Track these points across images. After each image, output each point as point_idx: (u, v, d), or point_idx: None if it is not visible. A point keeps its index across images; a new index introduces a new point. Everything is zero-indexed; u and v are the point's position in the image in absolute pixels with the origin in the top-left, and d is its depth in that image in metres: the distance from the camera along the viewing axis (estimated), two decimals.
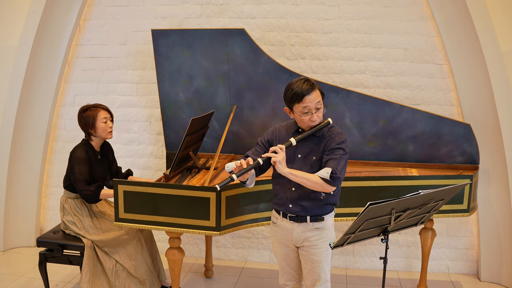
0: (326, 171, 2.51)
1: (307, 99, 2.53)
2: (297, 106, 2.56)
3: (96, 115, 3.41)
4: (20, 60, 4.26)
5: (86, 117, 3.42)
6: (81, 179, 3.35)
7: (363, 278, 4.15)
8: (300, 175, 2.52)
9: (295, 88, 2.56)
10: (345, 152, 2.59)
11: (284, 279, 2.85)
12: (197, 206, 3.04)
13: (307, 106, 2.54)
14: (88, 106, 3.47)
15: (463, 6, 3.75)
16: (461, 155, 3.72)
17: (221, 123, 3.91)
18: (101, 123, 3.42)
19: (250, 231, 4.41)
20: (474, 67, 3.85)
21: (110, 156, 3.63)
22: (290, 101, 2.58)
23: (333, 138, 2.60)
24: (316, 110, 2.56)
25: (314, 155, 2.61)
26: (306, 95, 2.53)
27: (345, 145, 2.60)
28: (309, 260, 2.69)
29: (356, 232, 2.33)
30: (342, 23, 4.09)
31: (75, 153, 3.40)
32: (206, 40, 3.71)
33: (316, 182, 2.51)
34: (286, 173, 2.50)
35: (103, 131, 3.44)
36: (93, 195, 3.38)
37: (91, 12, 4.40)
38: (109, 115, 3.48)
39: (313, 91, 2.55)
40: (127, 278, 3.40)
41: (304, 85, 2.55)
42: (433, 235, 3.71)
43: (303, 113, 2.56)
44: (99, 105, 3.49)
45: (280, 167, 2.48)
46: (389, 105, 3.71)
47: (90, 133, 3.45)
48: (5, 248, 4.50)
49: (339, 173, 2.53)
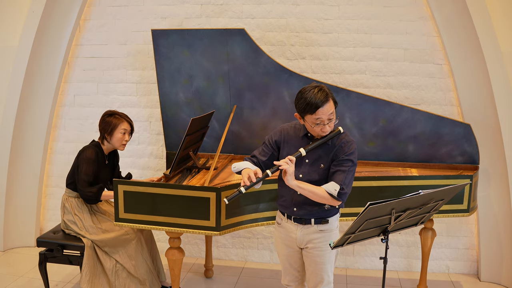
0: (334, 187, 2.49)
1: (320, 111, 2.44)
2: (309, 116, 2.48)
3: (118, 124, 3.44)
4: (20, 60, 4.26)
5: (108, 122, 3.44)
6: (85, 179, 3.35)
7: (363, 278, 4.15)
8: (307, 188, 2.50)
9: (308, 98, 2.44)
10: (354, 163, 2.56)
11: (287, 280, 2.85)
12: (197, 206, 3.03)
13: (319, 118, 2.46)
14: (115, 112, 3.50)
15: (463, 6, 3.75)
16: (461, 155, 3.72)
17: (221, 123, 3.91)
18: (119, 133, 3.45)
19: (250, 231, 4.41)
20: (474, 67, 3.85)
21: (115, 161, 3.65)
22: (302, 110, 2.49)
23: (342, 148, 2.56)
24: (328, 121, 2.50)
25: (322, 163, 2.58)
26: (320, 107, 2.43)
27: (354, 156, 2.57)
28: (312, 262, 2.68)
29: (356, 232, 2.33)
30: (342, 23, 4.09)
31: (85, 152, 3.41)
32: (206, 40, 3.71)
33: (323, 196, 2.51)
34: (294, 185, 2.49)
35: (117, 141, 3.46)
36: (94, 197, 3.39)
37: (91, 12, 4.40)
38: (130, 128, 3.51)
39: (327, 102, 2.44)
40: (127, 278, 3.40)
41: (318, 95, 2.44)
42: (433, 235, 3.71)
43: (315, 124, 2.49)
44: (125, 116, 3.51)
45: (289, 179, 2.47)
46: (389, 105, 3.70)
47: (105, 138, 3.47)
48: (5, 248, 4.50)
49: (346, 188, 2.52)
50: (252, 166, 2.65)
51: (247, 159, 2.73)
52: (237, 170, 2.68)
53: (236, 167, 2.68)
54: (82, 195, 3.40)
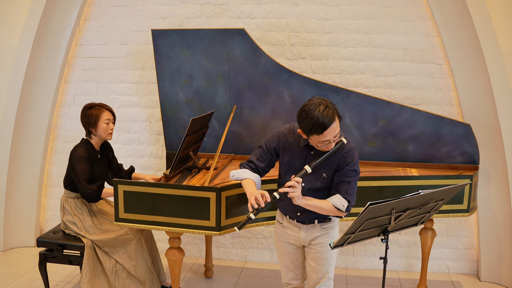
0: (342, 203, 2.51)
1: (327, 133, 2.38)
2: (315, 137, 2.42)
3: (99, 114, 3.42)
4: (20, 60, 4.26)
5: (89, 115, 3.42)
6: (83, 177, 3.35)
7: (363, 278, 4.15)
8: (315, 205, 2.52)
9: (315, 118, 2.35)
10: (357, 172, 2.57)
11: (288, 278, 2.84)
12: (197, 206, 3.03)
13: (326, 140, 2.41)
14: (93, 104, 3.48)
15: (463, 6, 3.75)
16: (461, 155, 3.72)
17: (221, 123, 3.91)
18: (103, 123, 3.42)
19: (250, 231, 4.41)
20: (474, 67, 3.85)
21: (109, 154, 3.63)
22: (308, 131, 2.41)
23: (345, 158, 2.53)
24: (334, 139, 2.45)
25: (324, 172, 2.56)
26: (327, 128, 2.37)
27: (357, 165, 2.56)
28: (315, 258, 2.69)
29: (356, 232, 2.33)
30: (342, 23, 4.09)
31: (75, 151, 3.40)
32: (206, 40, 3.71)
33: (330, 210, 2.53)
34: (302, 204, 2.49)
35: (103, 131, 3.44)
36: (95, 194, 3.38)
37: (91, 12, 4.40)
38: (112, 116, 3.49)
39: (333, 121, 2.37)
40: (127, 278, 3.40)
41: (324, 113, 2.35)
42: (433, 235, 3.71)
43: (322, 143, 2.44)
44: (104, 105, 3.49)
45: (297, 201, 2.46)
46: (389, 105, 3.70)
47: (90, 131, 3.46)
48: (5, 248, 4.50)
49: (352, 200, 2.55)
50: (251, 174, 2.65)
51: (245, 166, 2.70)
52: (236, 178, 2.67)
53: (235, 176, 2.67)
54: (82, 194, 3.38)
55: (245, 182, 2.61)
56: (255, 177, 2.65)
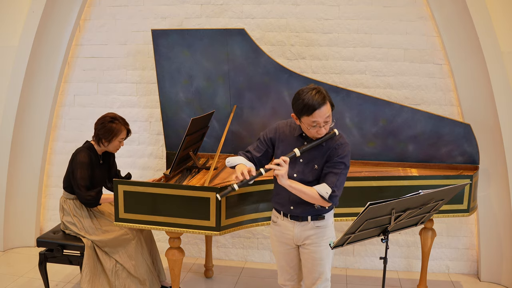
0: (326, 190, 2.52)
1: (317, 114, 2.45)
2: (305, 118, 2.49)
3: (119, 132, 3.41)
4: (20, 60, 4.26)
5: (109, 130, 3.39)
6: (82, 184, 3.35)
7: (363, 278, 4.15)
8: (299, 189, 2.53)
9: (306, 99, 2.46)
10: (346, 166, 2.59)
11: (283, 279, 2.85)
12: (197, 206, 3.03)
13: (316, 121, 2.48)
14: (117, 117, 3.44)
15: (463, 6, 3.75)
16: (461, 155, 3.72)
17: (221, 123, 3.91)
18: (117, 141, 3.44)
19: (250, 231, 4.41)
20: (474, 67, 3.85)
21: (110, 160, 3.64)
22: (299, 112, 2.50)
23: (336, 150, 2.57)
24: (324, 124, 2.51)
25: (316, 164, 2.60)
26: (317, 109, 2.45)
27: (347, 158, 2.59)
28: (310, 258, 2.69)
29: (356, 232, 2.33)
30: (342, 23, 4.09)
31: (78, 156, 3.38)
32: (206, 40, 3.71)
33: (314, 197, 2.54)
34: (286, 185, 2.52)
35: (114, 147, 3.47)
36: (94, 200, 3.38)
37: (91, 12, 4.40)
38: (126, 136, 3.49)
39: (324, 105, 2.46)
40: (127, 278, 3.40)
41: (315, 97, 2.45)
42: (433, 235, 3.71)
43: (311, 126, 2.51)
44: (125, 122, 3.47)
45: (282, 180, 2.50)
46: (389, 105, 3.70)
47: (101, 141, 3.43)
48: (5, 248, 4.50)
49: (338, 191, 2.56)
50: (246, 161, 2.67)
51: (241, 154, 2.75)
52: (231, 164, 2.69)
53: (230, 162, 2.70)
54: (81, 200, 3.38)
55: (238, 167, 2.64)
56: (249, 164, 2.67)
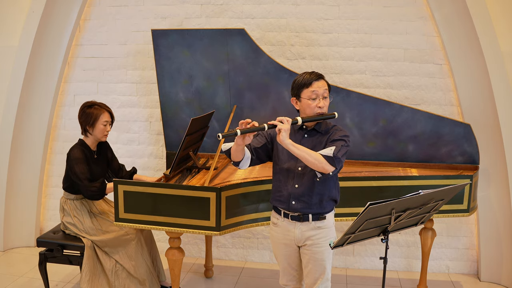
0: (329, 149, 2.55)
1: (316, 84, 2.61)
2: (305, 91, 2.62)
3: (99, 115, 3.39)
4: (20, 60, 4.26)
5: (88, 114, 3.39)
6: (83, 177, 3.33)
7: (363, 278, 4.15)
8: (302, 149, 2.52)
9: (303, 77, 2.65)
10: (347, 143, 2.61)
11: (285, 280, 2.84)
12: (197, 206, 3.03)
13: (315, 91, 2.60)
14: (93, 103, 3.44)
15: (463, 6, 3.75)
16: (461, 155, 3.72)
17: (221, 123, 3.91)
18: (101, 124, 3.40)
19: (250, 231, 4.41)
20: (474, 67, 3.85)
21: (108, 154, 3.61)
22: (298, 87, 2.64)
23: (335, 133, 2.65)
24: (323, 98, 2.63)
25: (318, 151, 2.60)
26: (315, 81, 2.62)
27: (348, 138, 2.64)
28: (311, 259, 2.69)
29: (356, 232, 2.33)
30: (342, 23, 4.09)
31: (71, 153, 3.38)
32: (206, 40, 3.71)
33: (317, 159, 2.51)
34: (287, 144, 2.49)
35: (99, 132, 3.42)
36: (99, 191, 3.36)
37: (91, 12, 4.40)
38: (110, 119, 3.46)
39: (320, 78, 2.65)
40: (127, 278, 3.40)
41: (312, 75, 2.65)
42: (433, 235, 3.71)
43: (311, 98, 2.61)
44: (104, 105, 3.46)
45: (283, 135, 2.48)
46: (389, 105, 3.71)
47: (86, 130, 3.43)
48: (5, 248, 4.50)
49: (340, 156, 2.57)
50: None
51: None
52: (226, 147, 2.70)
53: (226, 145, 2.71)
54: (86, 193, 3.36)
55: None
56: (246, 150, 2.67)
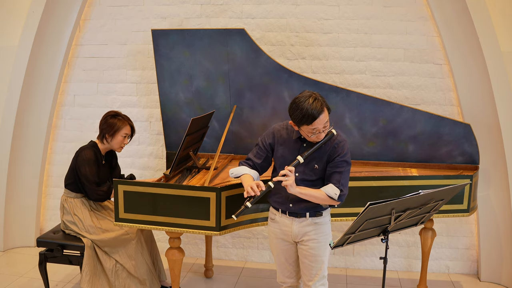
0: (334, 191, 2.59)
1: (316, 122, 2.51)
2: (305, 127, 2.55)
3: (121, 127, 3.44)
4: (20, 60, 4.26)
5: (111, 124, 3.43)
6: (92, 180, 3.36)
7: (363, 278, 4.15)
8: (309, 194, 2.60)
9: (304, 109, 2.50)
10: (348, 163, 2.66)
11: (282, 276, 2.86)
12: (197, 206, 3.04)
13: (315, 128, 2.54)
14: (118, 113, 3.50)
15: (463, 6, 3.75)
16: (461, 155, 3.72)
17: (221, 123, 3.91)
18: (120, 136, 3.45)
19: (250, 231, 4.41)
20: (474, 67, 3.85)
21: (113, 162, 3.64)
22: (298, 121, 2.55)
23: (336, 149, 2.64)
24: (323, 129, 2.58)
25: (317, 164, 2.66)
26: (316, 118, 2.50)
27: (348, 156, 2.66)
28: (308, 254, 2.71)
29: (356, 232, 2.34)
30: (342, 23, 4.09)
31: (83, 153, 3.40)
32: (206, 40, 3.71)
33: (323, 199, 2.61)
34: (296, 192, 2.58)
35: (117, 143, 3.47)
36: (105, 195, 3.42)
37: (91, 12, 4.40)
38: (130, 132, 3.51)
39: (322, 112, 2.51)
40: (127, 278, 3.40)
41: (313, 106, 2.49)
42: (433, 235, 3.71)
43: (311, 133, 2.57)
44: (128, 119, 3.51)
45: (291, 189, 2.56)
46: (389, 105, 3.70)
47: (105, 138, 3.46)
48: (5, 248, 4.50)
49: (344, 189, 2.62)
50: (250, 170, 2.76)
51: (243, 163, 2.81)
52: (235, 175, 2.78)
53: (234, 173, 2.78)
54: (92, 196, 3.39)
55: (243, 177, 2.73)
56: (253, 173, 2.76)
